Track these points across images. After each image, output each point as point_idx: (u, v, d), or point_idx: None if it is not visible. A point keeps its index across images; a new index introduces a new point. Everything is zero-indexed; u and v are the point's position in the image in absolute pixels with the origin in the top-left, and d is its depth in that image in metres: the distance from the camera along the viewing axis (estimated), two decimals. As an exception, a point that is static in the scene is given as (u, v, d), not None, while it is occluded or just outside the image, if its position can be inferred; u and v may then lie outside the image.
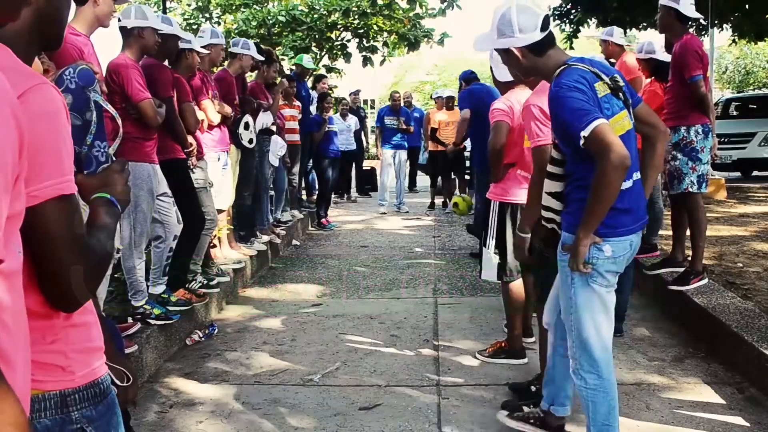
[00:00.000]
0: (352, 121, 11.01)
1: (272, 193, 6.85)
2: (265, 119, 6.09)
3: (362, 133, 12.33)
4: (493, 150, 3.63)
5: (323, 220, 8.84)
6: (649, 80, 5.01)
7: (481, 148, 5.39)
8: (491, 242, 3.74)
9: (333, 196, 10.26)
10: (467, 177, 10.18)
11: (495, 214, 3.72)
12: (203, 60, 4.88)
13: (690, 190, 4.31)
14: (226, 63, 5.90)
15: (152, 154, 3.91)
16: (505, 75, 3.67)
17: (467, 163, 9.89)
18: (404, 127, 10.36)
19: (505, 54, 2.44)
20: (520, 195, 3.65)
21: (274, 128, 6.31)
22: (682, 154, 4.30)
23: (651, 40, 4.96)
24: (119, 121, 2.24)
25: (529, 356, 3.79)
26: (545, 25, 2.36)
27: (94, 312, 1.23)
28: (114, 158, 2.59)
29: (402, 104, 10.71)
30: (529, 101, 3.03)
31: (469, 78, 6.85)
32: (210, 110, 4.89)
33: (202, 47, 4.79)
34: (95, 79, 2.62)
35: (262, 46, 6.76)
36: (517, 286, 3.76)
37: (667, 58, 4.61)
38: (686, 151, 4.31)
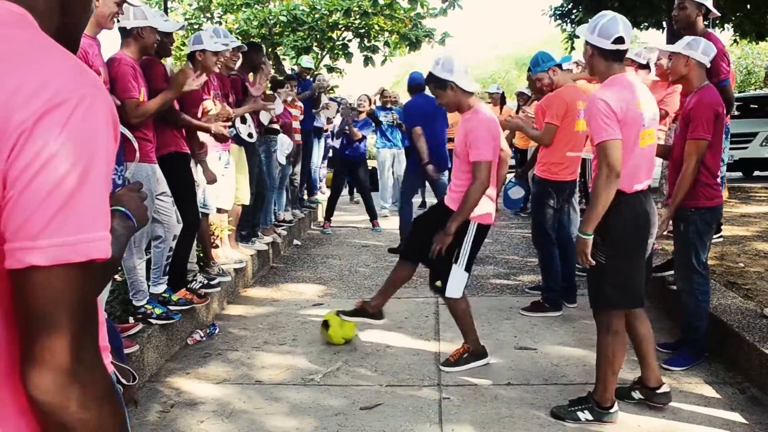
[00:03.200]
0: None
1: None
2: (267, 116, 6.08)
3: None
4: (482, 187, 3.60)
5: (325, 223, 8.74)
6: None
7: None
8: (464, 260, 3.71)
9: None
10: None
11: (472, 235, 3.70)
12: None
13: None
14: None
15: (151, 154, 3.91)
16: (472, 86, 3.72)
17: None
18: (398, 122, 10.34)
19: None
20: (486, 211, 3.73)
21: (276, 126, 6.29)
22: None
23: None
24: (135, 144, 2.25)
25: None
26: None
27: (101, 310, 1.23)
28: (129, 181, 2.60)
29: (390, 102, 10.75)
30: (596, 94, 2.85)
31: (418, 86, 6.70)
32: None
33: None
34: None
35: (262, 45, 6.73)
36: (463, 298, 3.78)
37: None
38: None
